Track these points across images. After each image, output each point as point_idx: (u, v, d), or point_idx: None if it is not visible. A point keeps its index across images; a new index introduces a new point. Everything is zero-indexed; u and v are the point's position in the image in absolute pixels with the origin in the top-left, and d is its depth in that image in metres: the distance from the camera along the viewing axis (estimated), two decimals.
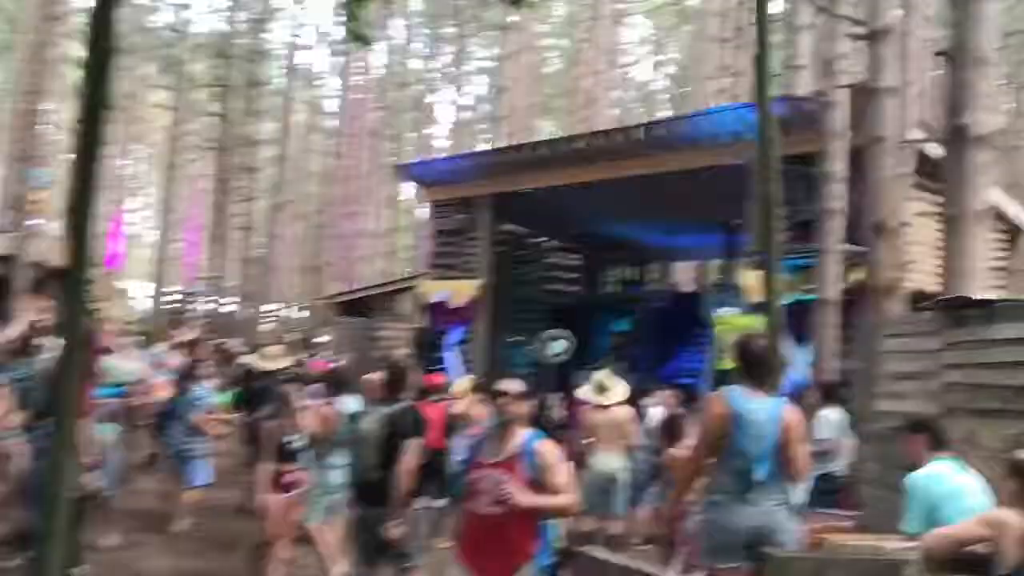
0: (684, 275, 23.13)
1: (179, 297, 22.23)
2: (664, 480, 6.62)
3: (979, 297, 5.23)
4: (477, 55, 45.67)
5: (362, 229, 36.52)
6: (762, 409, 4.03)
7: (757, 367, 4.14)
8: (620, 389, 8.35)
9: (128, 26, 34.10)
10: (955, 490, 3.72)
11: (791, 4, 15.32)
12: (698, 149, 12.79)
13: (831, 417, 8.02)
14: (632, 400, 8.76)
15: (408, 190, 34.48)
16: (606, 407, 8.15)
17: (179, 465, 8.24)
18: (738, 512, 3.92)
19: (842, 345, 10.48)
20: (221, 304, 18.94)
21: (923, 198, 11.73)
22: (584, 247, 18.84)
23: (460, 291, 16.17)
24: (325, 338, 14.95)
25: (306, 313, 21.48)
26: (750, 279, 11.93)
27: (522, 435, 3.65)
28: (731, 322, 6.12)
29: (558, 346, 14.37)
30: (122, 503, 7.71)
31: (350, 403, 6.99)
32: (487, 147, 17.94)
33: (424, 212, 43.44)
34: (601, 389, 8.19)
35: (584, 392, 8.40)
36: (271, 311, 20.56)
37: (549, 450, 3.68)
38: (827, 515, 6.50)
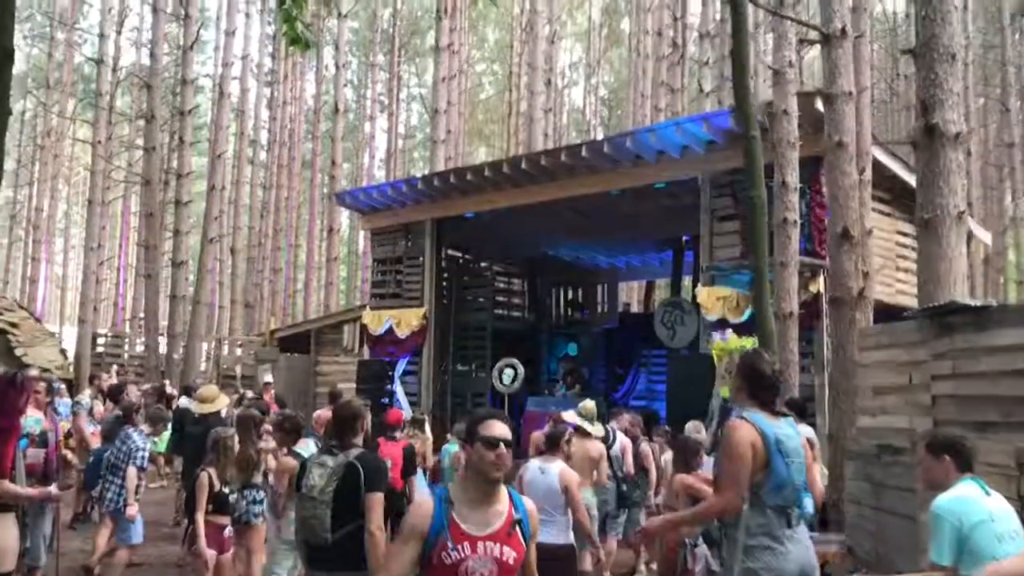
0: (631, 296, 22.92)
1: (107, 340, 21.13)
2: (666, 504, 6.12)
3: (971, 303, 4.90)
4: (410, 83, 45.44)
5: (298, 262, 35.69)
6: (791, 433, 3.60)
7: (767, 386, 3.66)
8: (599, 426, 7.89)
9: (48, 60, 32.95)
10: (985, 514, 3.35)
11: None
12: (644, 166, 12.51)
13: (803, 435, 7.68)
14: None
15: (345, 220, 33.86)
16: (587, 436, 7.66)
17: (113, 520, 7.50)
18: (787, 554, 3.43)
19: (801, 359, 10.24)
20: (151, 345, 17.97)
21: (877, 208, 11.63)
22: (529, 271, 18.47)
23: (404, 320, 15.63)
24: (267, 376, 14.16)
25: (241, 351, 20.61)
26: (704, 296, 11.68)
27: (506, 495, 2.89)
28: (725, 346, 5.73)
29: (507, 375, 13.89)
30: (50, 569, 6.94)
31: (311, 448, 6.50)
32: (425, 174, 17.47)
33: (362, 243, 42.98)
34: (588, 416, 7.72)
35: (570, 416, 7.88)
36: (205, 350, 19.64)
37: (534, 510, 3.03)
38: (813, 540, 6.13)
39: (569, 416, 7.98)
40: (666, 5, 20.27)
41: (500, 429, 2.84)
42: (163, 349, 18.72)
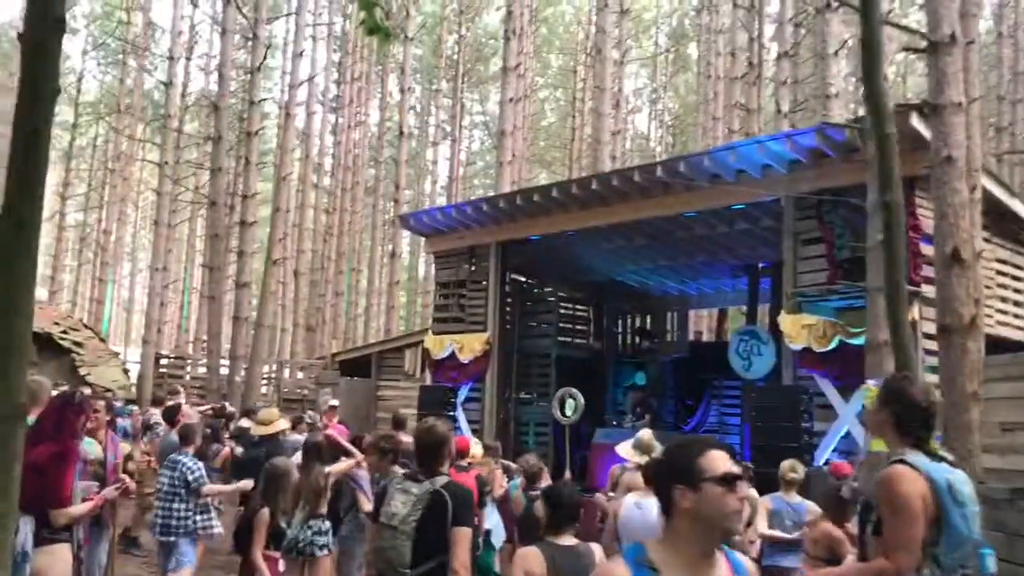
0: (701, 325, 22.21)
1: (170, 361, 21.16)
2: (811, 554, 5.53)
3: None
4: (473, 111, 45.50)
5: (359, 287, 35.73)
6: (963, 477, 3.00)
7: (922, 419, 3.04)
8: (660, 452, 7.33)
9: (120, 85, 33.73)
10: None
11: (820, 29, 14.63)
12: (722, 186, 11.94)
13: None
14: None
15: (406, 246, 33.79)
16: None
17: (163, 548, 7.16)
18: None
19: None
20: (212, 367, 17.86)
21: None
22: (595, 297, 17.93)
23: (467, 345, 15.21)
24: (332, 400, 13.84)
25: (302, 374, 20.45)
26: (789, 324, 11.03)
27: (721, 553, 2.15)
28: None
29: (569, 405, 13.34)
30: None
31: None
32: (490, 195, 17.13)
33: (422, 268, 42.95)
34: (645, 449, 7.16)
35: (624, 450, 7.35)
36: (266, 372, 19.52)
37: (754, 570, 2.28)
38: None
39: (624, 450, 7.45)
40: (739, 25, 19.70)
41: (730, 462, 2.12)
42: (224, 371, 18.61)
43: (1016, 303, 11.89)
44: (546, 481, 7.49)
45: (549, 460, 13.77)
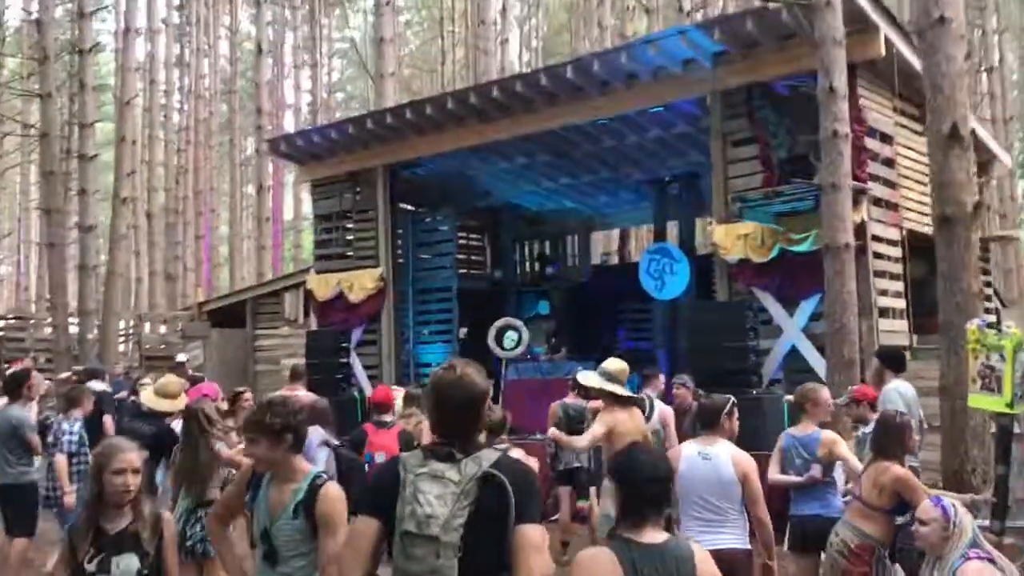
0: (608, 247, 21.22)
1: (6, 323, 18.49)
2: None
3: None
4: (332, 36, 42.59)
5: (219, 232, 32.97)
6: None
7: None
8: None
9: None
10: None
11: None
12: (639, 87, 10.71)
13: (904, 393, 6.01)
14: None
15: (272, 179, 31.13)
16: (628, 403, 5.88)
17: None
18: None
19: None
20: (59, 325, 15.50)
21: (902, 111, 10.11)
22: (491, 223, 16.56)
23: (357, 283, 13.61)
24: (188, 355, 12.00)
25: (165, 328, 18.23)
26: (722, 234, 10.00)
27: None
28: (986, 340, 3.94)
29: (510, 338, 12.00)
30: None
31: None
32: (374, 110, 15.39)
33: (295, 205, 40.21)
34: (616, 379, 5.91)
35: (590, 379, 6.06)
36: (122, 328, 17.23)
37: None
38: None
39: (589, 379, 6.19)
40: None
41: None
42: (74, 330, 16.26)
43: None
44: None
45: None
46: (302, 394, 9.26)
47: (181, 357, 13.37)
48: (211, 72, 29.82)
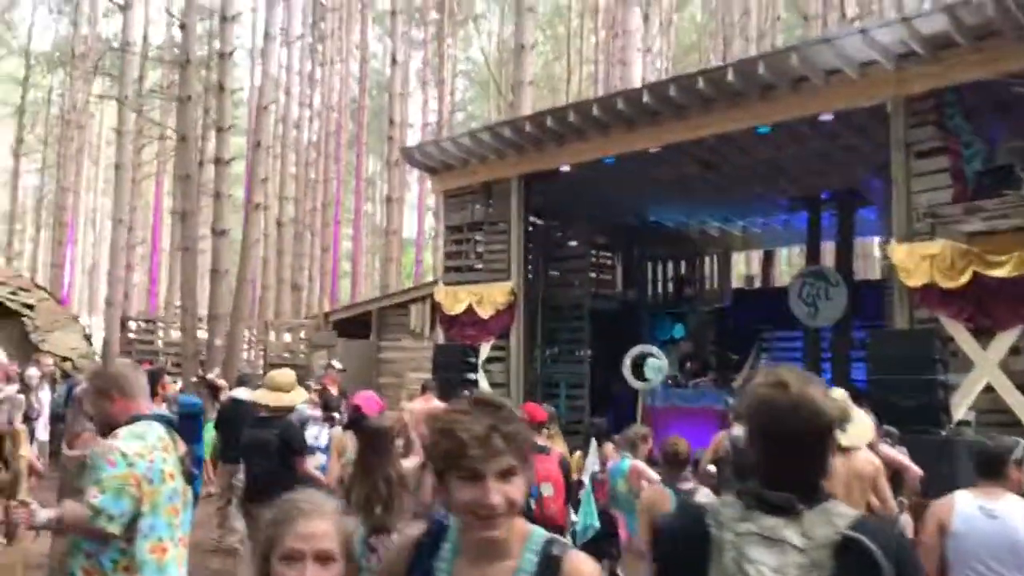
0: (751, 268, 20.12)
1: (139, 326, 18.78)
2: None
3: None
4: (457, 57, 42.77)
5: (343, 246, 33.26)
6: None
7: None
8: (863, 422, 5.17)
9: (73, 30, 30.76)
10: None
11: None
12: (807, 92, 9.77)
13: None
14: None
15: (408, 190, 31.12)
16: (844, 450, 4.98)
17: None
18: None
19: None
20: (188, 329, 15.53)
21: None
22: (624, 240, 15.76)
23: (487, 298, 13.04)
24: (332, 362, 11.62)
25: (289, 336, 18.16)
26: (903, 255, 8.94)
27: None
28: None
29: (652, 367, 11.12)
30: None
31: None
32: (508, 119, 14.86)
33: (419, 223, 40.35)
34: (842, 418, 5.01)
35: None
36: (247, 336, 17.23)
37: None
38: None
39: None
40: None
41: None
42: (202, 335, 16.31)
43: None
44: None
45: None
46: (439, 407, 8.74)
47: (335, 363, 12.93)
48: (341, 87, 30.16)
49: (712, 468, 6.23)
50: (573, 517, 6.25)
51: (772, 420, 1.74)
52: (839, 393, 5.14)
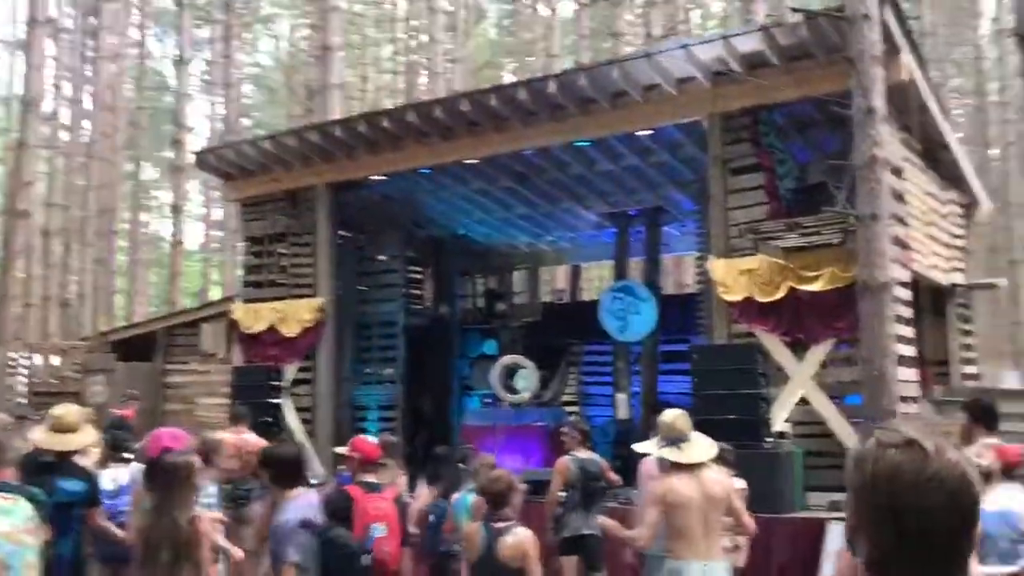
0: (556, 282, 20.17)
1: None
2: None
3: None
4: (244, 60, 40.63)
5: (116, 260, 30.44)
6: None
7: None
8: (703, 442, 4.95)
9: None
10: None
11: None
12: (626, 107, 9.75)
13: None
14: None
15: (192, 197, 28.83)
16: (689, 468, 4.73)
17: None
18: None
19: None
20: None
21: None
22: (433, 254, 15.28)
23: (292, 315, 12.12)
24: (98, 389, 10.29)
25: (59, 360, 16.10)
26: (722, 270, 9.07)
27: None
28: None
29: (523, 379, 10.66)
30: None
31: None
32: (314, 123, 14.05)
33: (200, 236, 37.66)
34: (677, 439, 4.78)
35: (650, 447, 4.94)
36: (12, 360, 15.05)
37: None
38: None
39: (649, 447, 5.08)
40: None
41: None
42: None
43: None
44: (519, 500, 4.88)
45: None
46: (252, 439, 7.83)
47: (133, 391, 11.40)
48: (122, 76, 27.58)
49: (562, 495, 5.87)
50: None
51: (903, 494, 1.27)
52: (674, 414, 4.93)
